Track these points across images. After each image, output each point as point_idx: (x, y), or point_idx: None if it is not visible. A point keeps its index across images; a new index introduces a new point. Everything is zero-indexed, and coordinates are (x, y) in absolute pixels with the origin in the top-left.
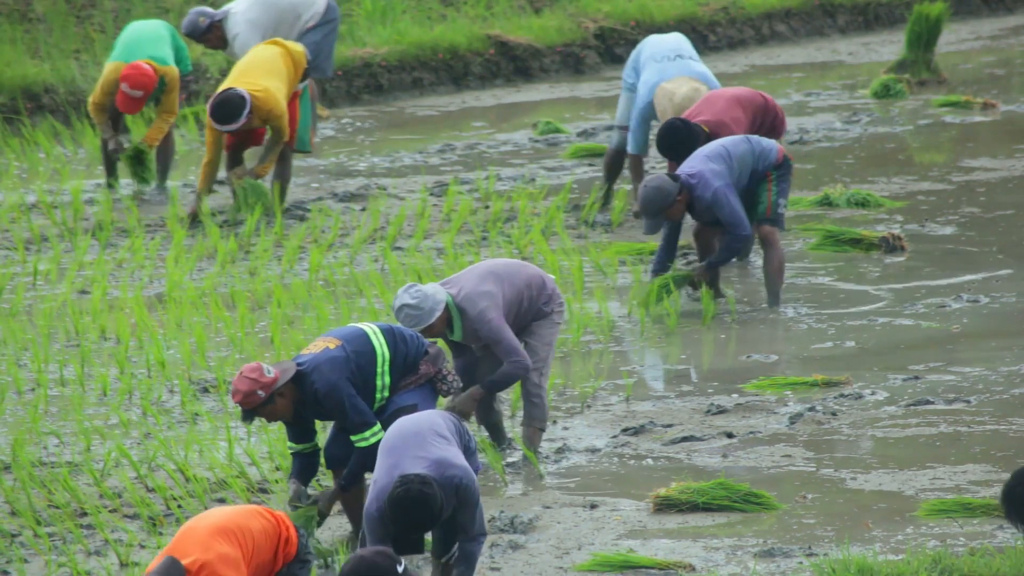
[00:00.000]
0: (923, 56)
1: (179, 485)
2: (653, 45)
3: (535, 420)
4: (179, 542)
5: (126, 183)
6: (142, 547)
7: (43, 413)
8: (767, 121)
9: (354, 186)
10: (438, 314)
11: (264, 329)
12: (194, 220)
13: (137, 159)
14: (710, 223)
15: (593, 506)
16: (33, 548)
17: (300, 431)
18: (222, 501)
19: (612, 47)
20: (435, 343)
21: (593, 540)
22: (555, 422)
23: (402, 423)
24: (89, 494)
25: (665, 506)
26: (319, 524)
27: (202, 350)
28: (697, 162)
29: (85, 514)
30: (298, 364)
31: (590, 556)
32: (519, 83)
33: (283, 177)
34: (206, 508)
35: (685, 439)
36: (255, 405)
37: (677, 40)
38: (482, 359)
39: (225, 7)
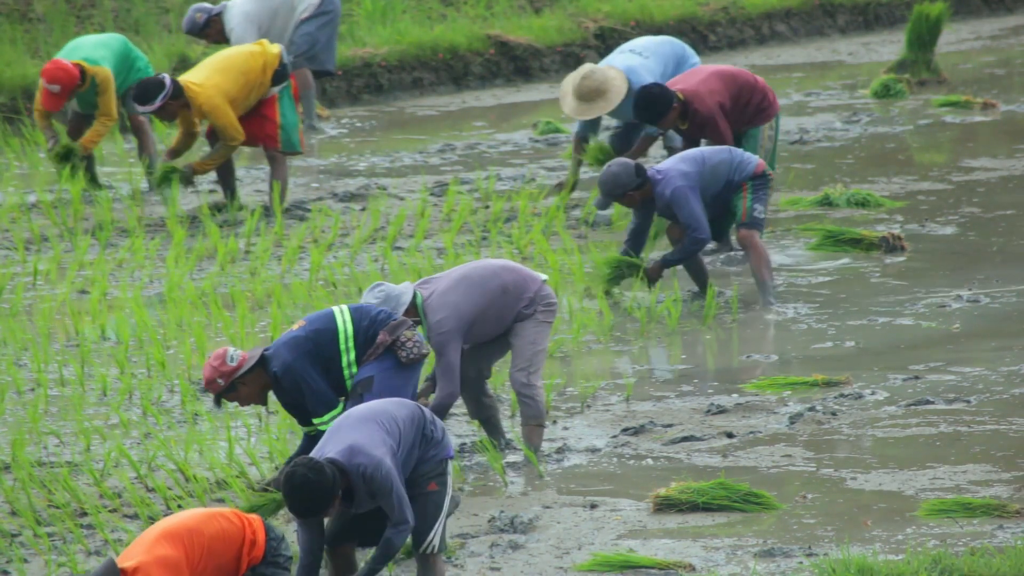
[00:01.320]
0: (923, 56)
1: (179, 485)
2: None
3: (530, 419)
4: (129, 547)
5: (129, 184)
6: None
7: (43, 413)
8: (754, 101)
9: (354, 186)
10: (401, 312)
11: (264, 329)
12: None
13: (64, 157)
14: (671, 219)
15: (593, 506)
16: (33, 548)
17: (300, 413)
18: (222, 501)
19: (612, 47)
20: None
21: (593, 540)
22: (555, 422)
23: (359, 408)
24: (89, 494)
25: (665, 506)
26: None
27: (202, 350)
28: (670, 161)
29: (85, 514)
30: (265, 351)
31: (590, 556)
32: (519, 83)
33: (280, 178)
34: (206, 508)
35: (685, 439)
36: (217, 392)
37: (647, 39)
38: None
39: (223, 1)
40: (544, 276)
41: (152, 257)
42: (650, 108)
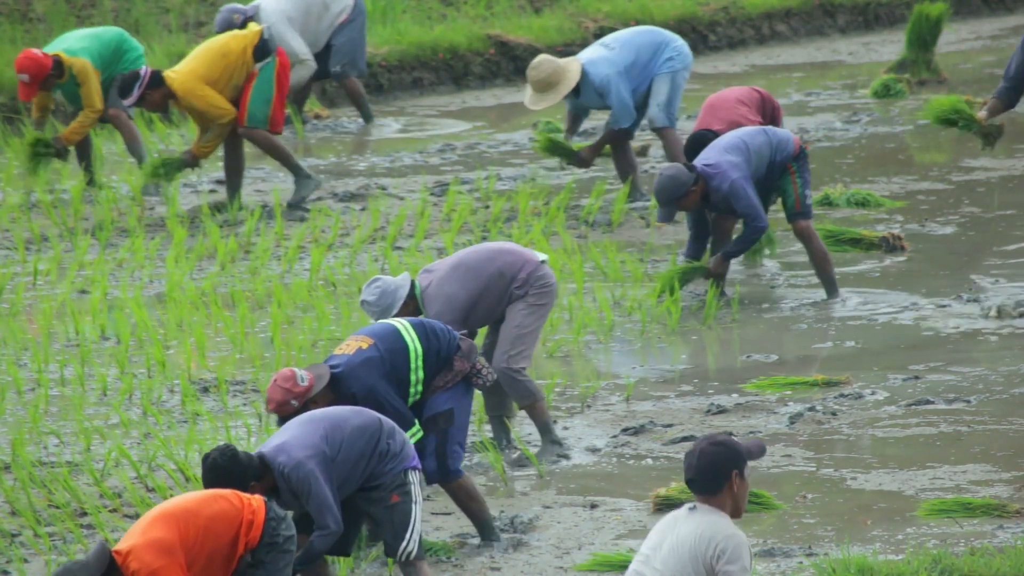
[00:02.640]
0: (923, 56)
1: (179, 485)
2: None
3: (522, 399)
4: (129, 529)
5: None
6: None
7: (43, 413)
8: (767, 112)
9: (354, 186)
10: (395, 310)
11: (264, 329)
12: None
13: (34, 149)
14: (726, 212)
15: (593, 506)
16: (33, 548)
17: None
18: None
19: None
20: (466, 334)
21: (593, 540)
22: (555, 422)
23: (316, 412)
24: (89, 494)
25: (665, 506)
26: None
27: (202, 350)
28: (715, 153)
29: (85, 514)
30: (331, 367)
31: (590, 556)
32: (519, 83)
33: (271, 150)
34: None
35: (685, 439)
36: (289, 414)
37: (621, 32)
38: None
39: (254, 2)
40: (544, 256)
41: (152, 257)
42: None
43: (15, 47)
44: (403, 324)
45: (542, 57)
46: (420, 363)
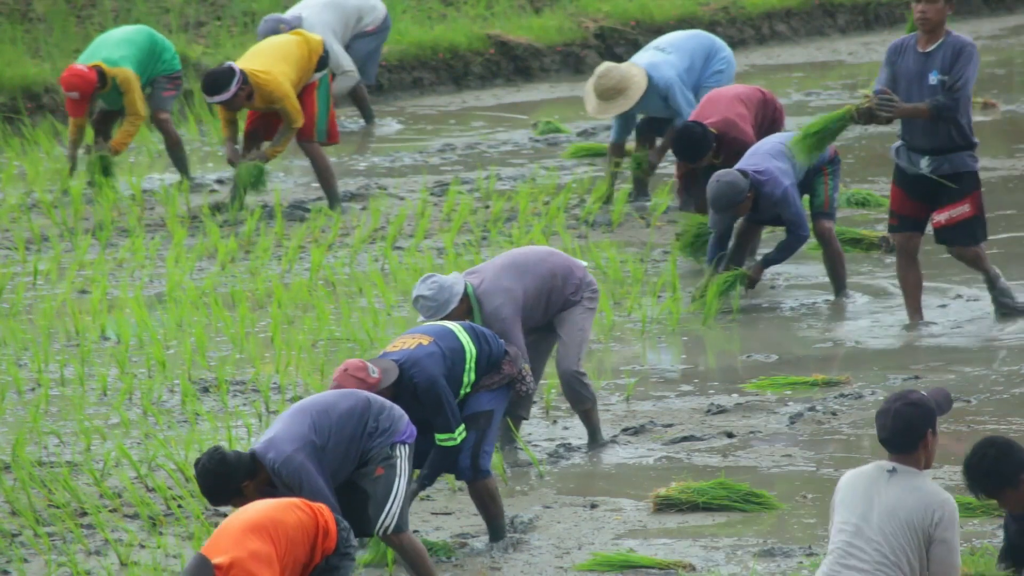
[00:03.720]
0: None
1: (179, 485)
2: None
3: (586, 402)
4: (213, 540)
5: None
6: (142, 547)
7: (43, 413)
8: (768, 114)
9: (354, 186)
10: (453, 306)
11: (265, 329)
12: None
13: (102, 167)
14: (761, 222)
15: (593, 506)
16: (33, 548)
17: (419, 425)
18: None
19: (612, 47)
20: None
21: (593, 540)
22: (555, 422)
23: (308, 399)
24: (89, 494)
25: (665, 506)
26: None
27: (202, 350)
28: (761, 159)
29: (85, 514)
30: (398, 363)
31: (590, 556)
32: (519, 83)
33: (324, 166)
34: (206, 508)
35: (685, 439)
36: None
37: (673, 35)
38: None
39: (294, 11)
40: (585, 263)
41: (152, 257)
42: (690, 148)
43: (15, 47)
44: (456, 326)
45: (608, 65)
46: (473, 364)
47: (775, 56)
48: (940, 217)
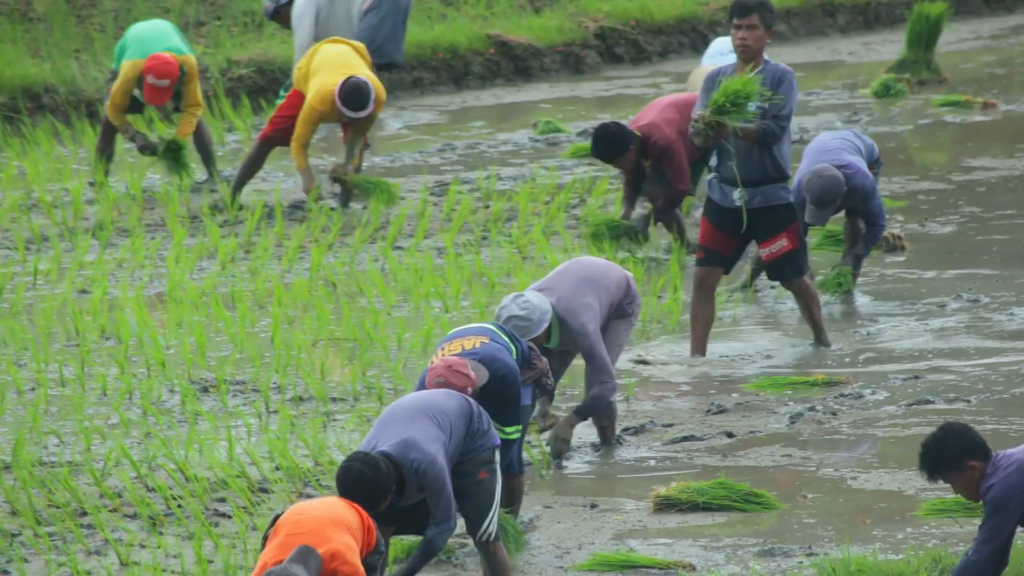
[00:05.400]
0: (923, 56)
1: (179, 485)
2: (716, 44)
3: (611, 417)
4: (294, 536)
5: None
6: (142, 547)
7: (43, 413)
8: None
9: None
10: (545, 325)
11: (265, 329)
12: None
13: (173, 154)
14: (856, 214)
15: (593, 506)
16: (33, 548)
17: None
18: (222, 501)
19: (612, 47)
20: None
21: (593, 540)
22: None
23: (409, 398)
24: (89, 494)
25: (665, 506)
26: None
27: (202, 350)
28: (844, 154)
29: (85, 514)
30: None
31: (590, 556)
32: (519, 83)
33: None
34: (206, 508)
35: (685, 439)
36: None
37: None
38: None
39: None
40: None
41: (152, 257)
42: (606, 147)
43: (15, 47)
44: (494, 326)
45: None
46: (515, 359)
47: (775, 56)
48: (762, 253)
